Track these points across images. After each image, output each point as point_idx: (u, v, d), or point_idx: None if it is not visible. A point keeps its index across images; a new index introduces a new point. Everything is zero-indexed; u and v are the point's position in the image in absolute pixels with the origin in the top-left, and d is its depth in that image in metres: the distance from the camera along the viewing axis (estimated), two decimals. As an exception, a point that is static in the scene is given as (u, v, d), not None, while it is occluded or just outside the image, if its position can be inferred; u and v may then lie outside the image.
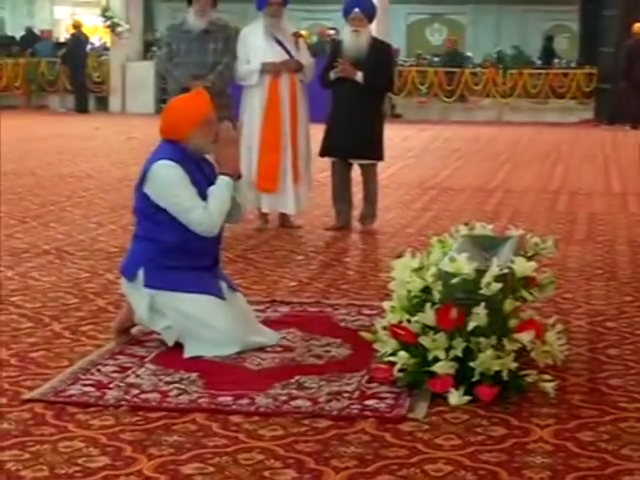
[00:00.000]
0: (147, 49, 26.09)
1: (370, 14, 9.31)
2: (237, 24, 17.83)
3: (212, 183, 5.66)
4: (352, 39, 9.22)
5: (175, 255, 5.60)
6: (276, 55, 9.17)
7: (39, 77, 26.78)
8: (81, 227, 9.54)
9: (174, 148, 5.63)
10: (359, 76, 9.07)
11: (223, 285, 5.75)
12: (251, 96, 9.22)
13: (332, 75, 9.18)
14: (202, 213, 5.52)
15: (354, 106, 9.12)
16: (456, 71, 25.13)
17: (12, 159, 14.88)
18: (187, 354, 5.51)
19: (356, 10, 9.18)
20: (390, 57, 9.90)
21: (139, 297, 5.64)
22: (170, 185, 5.53)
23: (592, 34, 24.69)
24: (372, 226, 9.50)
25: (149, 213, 5.64)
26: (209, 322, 5.53)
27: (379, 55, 9.26)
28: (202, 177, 5.69)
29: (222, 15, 21.74)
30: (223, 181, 5.62)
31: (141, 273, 5.60)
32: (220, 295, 5.64)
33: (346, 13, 9.27)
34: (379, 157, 9.50)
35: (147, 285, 5.58)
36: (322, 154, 9.45)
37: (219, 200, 5.58)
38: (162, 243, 5.59)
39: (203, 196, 5.61)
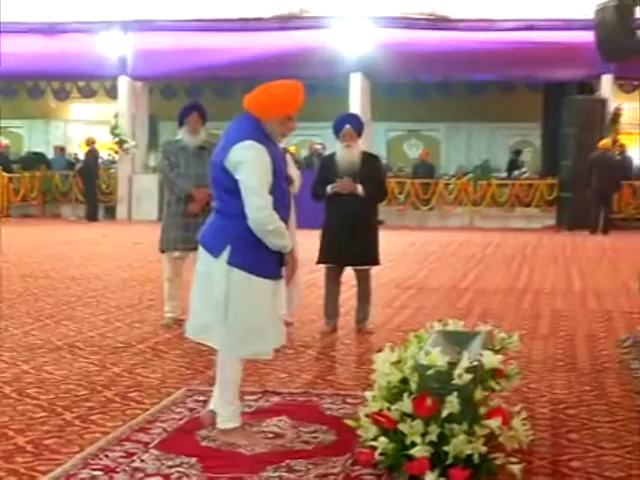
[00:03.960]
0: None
1: (359, 129, 9.21)
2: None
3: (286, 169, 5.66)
4: (345, 153, 9.14)
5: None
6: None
7: (53, 189, 26.97)
8: (90, 324, 9.55)
9: (255, 126, 5.44)
10: (360, 189, 9.00)
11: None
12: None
13: (329, 190, 9.08)
14: (267, 205, 5.34)
15: (354, 217, 9.01)
16: (431, 182, 25.39)
17: (29, 263, 14.97)
18: (230, 354, 5.56)
19: (347, 126, 9.09)
20: (381, 169, 9.81)
21: (219, 271, 5.45)
22: (252, 162, 5.32)
23: (553, 149, 24.99)
24: (370, 326, 9.39)
25: (232, 188, 5.40)
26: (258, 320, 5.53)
27: (371, 167, 9.17)
28: (280, 158, 5.58)
29: (220, 132, 21.99)
30: (289, 248, 5.53)
31: (227, 250, 5.43)
32: (280, 276, 5.60)
33: (337, 130, 9.15)
34: (377, 262, 9.46)
35: (230, 263, 5.42)
36: (323, 262, 9.29)
37: (281, 235, 5.43)
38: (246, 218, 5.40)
39: (282, 173, 5.54)
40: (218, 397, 5.67)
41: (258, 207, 5.36)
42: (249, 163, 5.35)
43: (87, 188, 25.70)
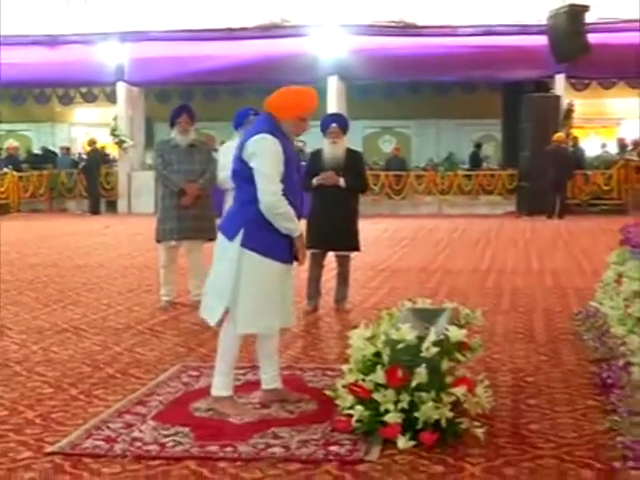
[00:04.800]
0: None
1: (345, 127, 9.19)
2: (223, 138, 17.98)
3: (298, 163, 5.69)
4: (331, 149, 9.08)
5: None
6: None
7: (59, 185, 26.91)
8: (94, 308, 9.52)
9: (271, 123, 5.49)
10: (342, 182, 8.98)
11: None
12: (231, 199, 9.18)
13: (315, 182, 9.03)
14: (277, 191, 5.37)
15: (337, 206, 9.00)
16: (403, 174, 25.41)
17: (38, 253, 14.92)
18: (240, 330, 5.54)
19: (333, 125, 9.07)
20: (363, 163, 9.78)
21: (232, 252, 5.44)
22: (265, 152, 5.39)
23: (513, 142, 24.98)
24: (348, 305, 9.42)
25: (248, 176, 5.45)
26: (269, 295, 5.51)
27: (354, 162, 9.16)
28: (293, 152, 5.61)
29: (209, 132, 21.91)
30: (298, 232, 5.54)
31: (241, 233, 5.43)
32: (291, 261, 5.61)
33: (324, 127, 9.11)
34: (358, 248, 9.44)
35: (243, 245, 5.42)
36: (309, 247, 9.17)
37: (290, 218, 5.45)
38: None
39: (294, 165, 5.57)
40: (216, 367, 5.67)
41: (269, 191, 5.38)
42: (263, 152, 5.41)
43: (90, 184, 25.64)
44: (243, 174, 5.50)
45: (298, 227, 5.57)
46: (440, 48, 23.93)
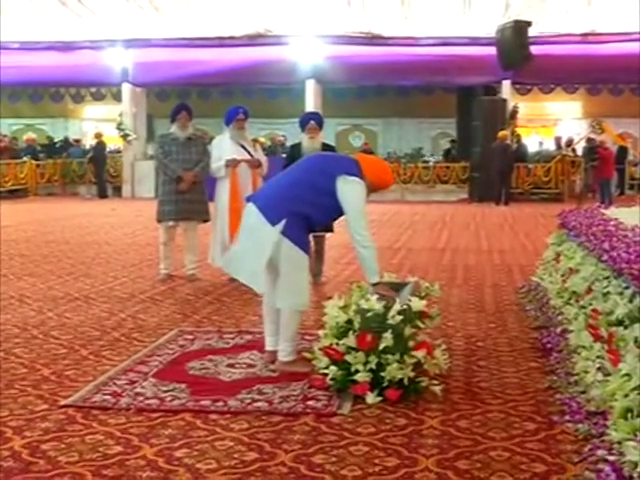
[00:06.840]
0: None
1: (321, 124, 9.12)
2: (213, 134, 17.87)
3: None
4: (309, 143, 9.00)
5: (309, 222, 5.50)
6: (240, 155, 9.15)
7: (72, 173, 26.76)
8: (102, 280, 9.46)
9: (363, 175, 5.51)
10: None
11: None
12: (222, 186, 9.15)
13: None
14: (367, 235, 5.54)
15: None
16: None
17: (53, 232, 14.80)
18: (279, 305, 5.51)
19: (312, 122, 9.01)
20: None
21: (271, 235, 5.36)
22: (362, 199, 5.47)
23: (465, 138, 25.01)
24: (323, 279, 9.38)
25: (321, 192, 5.44)
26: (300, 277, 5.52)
27: None
28: None
29: (203, 127, 21.80)
30: (375, 280, 5.52)
31: (284, 222, 5.35)
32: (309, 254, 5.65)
33: (303, 124, 9.05)
34: (332, 229, 9.38)
35: (284, 233, 5.36)
36: None
37: (372, 262, 5.61)
38: (310, 212, 5.44)
39: None
40: (280, 336, 5.59)
41: (363, 227, 5.49)
42: (359, 195, 5.46)
43: (97, 172, 25.56)
44: (317, 184, 5.46)
45: (377, 272, 5.56)
46: (403, 56, 23.89)
